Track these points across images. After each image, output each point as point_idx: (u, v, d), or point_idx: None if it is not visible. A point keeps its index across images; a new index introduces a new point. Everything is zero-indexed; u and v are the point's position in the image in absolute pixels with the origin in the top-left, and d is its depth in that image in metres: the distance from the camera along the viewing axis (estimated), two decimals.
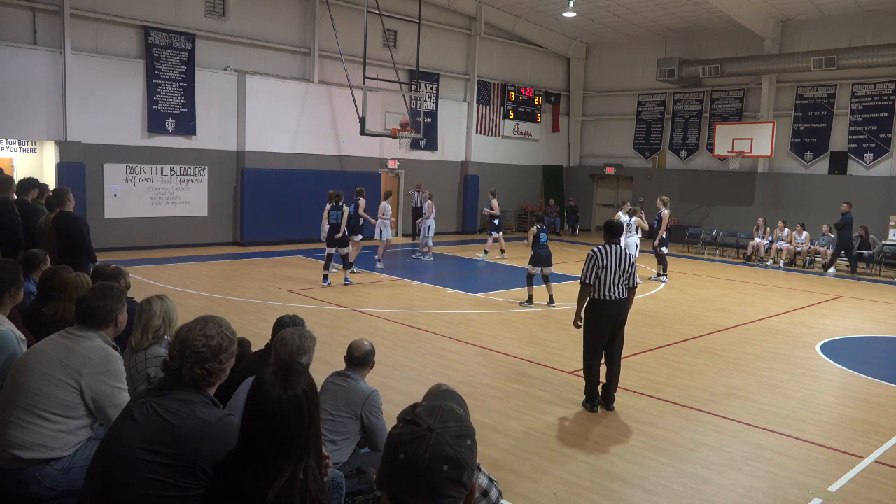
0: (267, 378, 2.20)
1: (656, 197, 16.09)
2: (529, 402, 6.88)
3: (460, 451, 1.41)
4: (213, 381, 2.60)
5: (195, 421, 2.44)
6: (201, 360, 2.55)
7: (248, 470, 2.13)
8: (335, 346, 7.70)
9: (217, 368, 2.60)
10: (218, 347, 2.59)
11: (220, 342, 2.61)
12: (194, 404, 2.50)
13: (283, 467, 2.10)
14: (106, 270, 5.23)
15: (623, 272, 6.62)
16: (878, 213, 18.91)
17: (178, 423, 2.43)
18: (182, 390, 2.53)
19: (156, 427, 2.43)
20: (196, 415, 2.47)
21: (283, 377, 2.19)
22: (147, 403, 2.51)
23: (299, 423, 2.14)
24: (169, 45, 16.53)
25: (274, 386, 2.16)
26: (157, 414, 2.46)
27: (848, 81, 19.99)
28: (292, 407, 2.14)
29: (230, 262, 15.56)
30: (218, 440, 2.42)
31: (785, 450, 5.90)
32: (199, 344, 2.56)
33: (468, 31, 22.97)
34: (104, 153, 15.84)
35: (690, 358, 8.86)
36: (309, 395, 2.20)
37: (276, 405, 2.12)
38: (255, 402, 2.18)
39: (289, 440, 2.12)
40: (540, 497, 4.85)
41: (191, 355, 2.54)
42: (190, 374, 2.54)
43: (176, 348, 2.59)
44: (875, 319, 11.94)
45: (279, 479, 2.07)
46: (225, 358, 2.63)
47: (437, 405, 1.50)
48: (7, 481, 3.22)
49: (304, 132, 18.79)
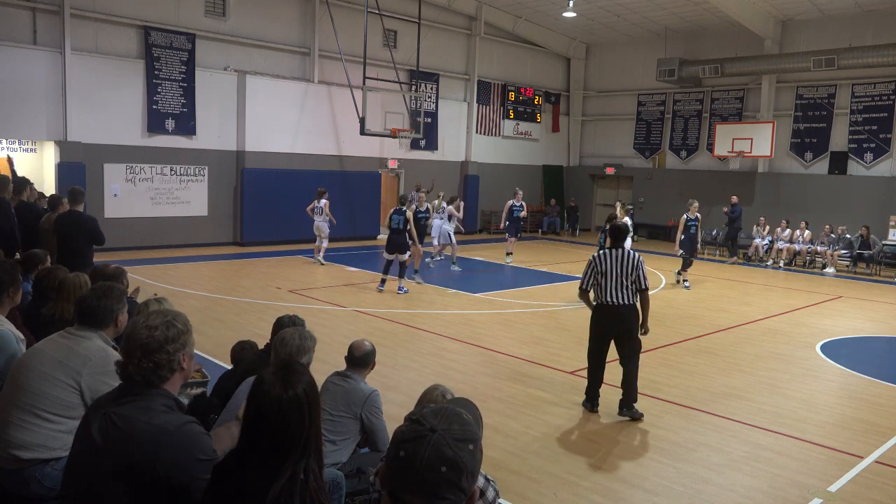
0: (267, 378, 2.19)
1: (656, 197, 16.08)
2: (529, 402, 6.88)
3: (460, 454, 1.41)
4: (163, 375, 2.44)
5: (150, 429, 2.33)
6: (147, 353, 2.40)
7: (248, 470, 2.13)
8: (335, 346, 7.70)
9: (165, 360, 2.42)
10: (164, 338, 2.43)
11: (166, 332, 2.44)
12: (152, 411, 2.38)
13: (284, 467, 2.09)
14: (106, 270, 5.23)
15: (626, 277, 6.42)
16: (878, 213, 18.91)
17: (134, 433, 2.33)
18: (138, 393, 2.42)
19: (114, 442, 2.34)
20: (153, 423, 2.34)
21: (283, 377, 2.18)
22: (106, 415, 2.40)
23: (300, 423, 2.13)
24: (169, 45, 16.53)
25: (274, 386, 2.15)
26: (115, 426, 2.36)
27: (848, 81, 19.99)
28: (293, 407, 2.13)
29: (230, 262, 15.56)
30: (179, 448, 2.32)
31: (785, 450, 5.90)
32: (143, 335, 2.42)
33: (468, 31, 22.97)
34: (104, 153, 15.84)
35: (690, 358, 8.85)
36: (309, 394, 2.19)
37: (276, 405, 2.12)
38: (255, 402, 2.17)
39: (289, 440, 2.11)
40: (540, 497, 4.85)
41: (136, 349, 2.41)
42: (138, 369, 2.41)
43: (123, 345, 2.49)
44: (875, 319, 11.94)
45: (279, 479, 2.06)
46: (174, 349, 2.45)
47: (444, 408, 1.52)
48: (7, 481, 3.22)
49: (304, 132, 18.79)
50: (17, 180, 8.55)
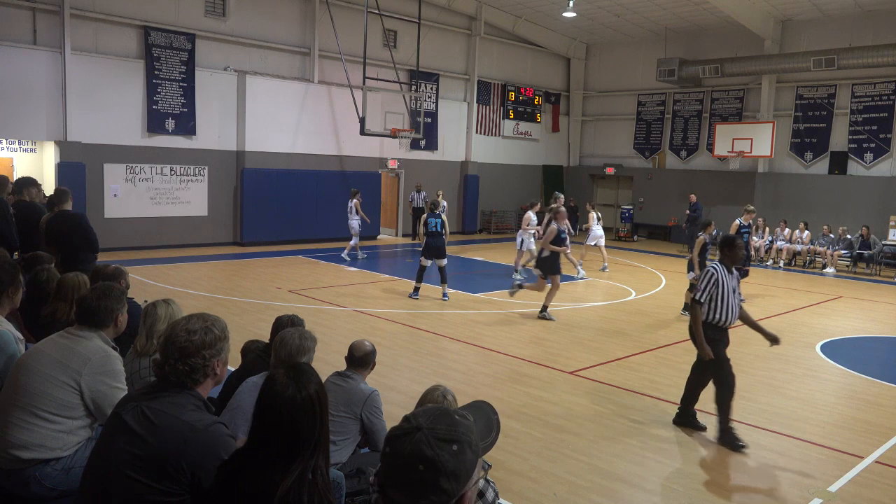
0: (279, 379, 2.18)
1: (656, 197, 16.05)
2: (529, 402, 6.87)
3: (441, 454, 1.38)
4: (197, 379, 2.52)
5: (181, 425, 2.39)
6: (184, 356, 2.47)
7: (257, 468, 2.12)
8: (335, 346, 7.71)
9: (200, 365, 2.50)
10: (201, 343, 2.50)
11: (204, 338, 2.51)
12: (183, 407, 2.44)
13: (293, 466, 2.09)
14: (106, 271, 5.23)
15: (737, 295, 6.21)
16: (878, 213, 18.91)
17: (165, 426, 2.39)
18: (171, 392, 2.48)
19: (144, 432, 2.40)
20: (183, 419, 2.41)
21: (295, 378, 2.18)
22: (138, 407, 2.47)
23: (312, 424, 2.13)
24: (169, 45, 16.53)
25: (287, 387, 2.14)
26: (146, 418, 2.42)
27: (848, 81, 19.99)
28: (306, 407, 2.13)
29: (230, 262, 15.56)
30: (205, 446, 2.38)
31: (785, 450, 5.90)
32: (182, 339, 2.49)
33: (468, 31, 22.96)
34: (104, 153, 15.84)
35: (690, 358, 8.78)
36: (321, 395, 2.20)
37: (289, 405, 2.12)
38: (267, 402, 2.16)
39: (302, 440, 2.12)
40: (540, 497, 4.85)
41: (173, 351, 2.48)
42: (173, 370, 2.48)
43: (161, 345, 2.56)
44: (875, 319, 11.94)
45: (288, 478, 2.07)
46: (210, 354, 2.53)
47: (437, 407, 1.52)
48: (7, 481, 3.23)
49: (303, 132, 18.79)
50: (20, 180, 8.49)
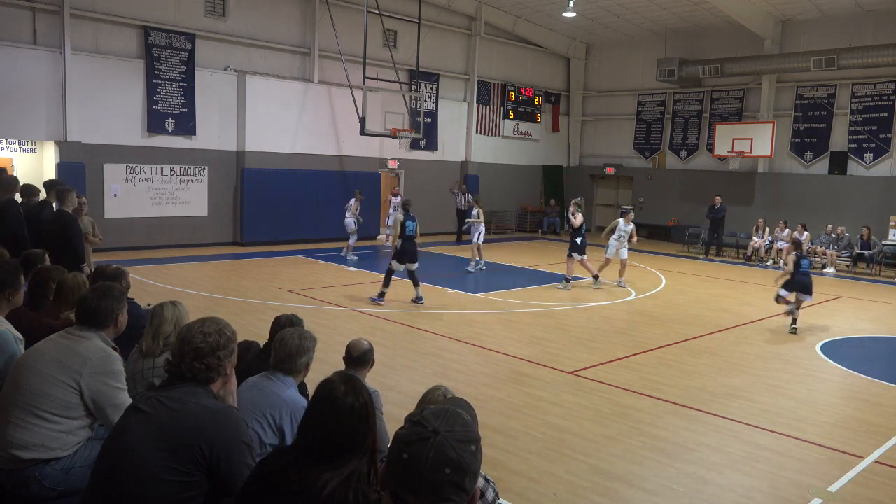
0: (336, 386, 2.28)
1: (656, 197, 16.01)
2: (529, 402, 6.87)
3: (464, 455, 1.42)
4: (211, 377, 2.70)
5: (198, 407, 2.56)
6: (200, 356, 2.66)
7: (306, 467, 2.19)
8: (335, 346, 7.70)
9: (215, 364, 2.70)
10: (216, 344, 2.70)
11: (218, 339, 2.72)
12: (198, 394, 2.62)
13: (343, 468, 2.18)
14: (106, 271, 5.22)
15: None
16: (878, 213, 18.91)
17: (181, 409, 2.55)
18: (187, 385, 2.65)
19: (161, 415, 2.55)
20: (200, 402, 2.59)
21: (352, 386, 2.29)
22: (153, 397, 2.63)
23: (365, 430, 2.25)
24: (169, 45, 16.53)
25: (347, 395, 2.25)
26: (163, 404, 2.58)
27: (848, 81, 19.99)
28: (363, 414, 2.25)
29: (230, 262, 15.56)
30: (223, 427, 2.55)
31: (785, 450, 5.90)
32: (198, 340, 2.67)
33: (468, 31, 22.96)
34: (104, 153, 15.84)
35: (690, 358, 8.85)
36: (371, 402, 2.32)
37: (349, 412, 2.23)
38: (328, 407, 2.24)
39: (356, 443, 2.22)
40: (540, 497, 4.85)
41: (189, 351, 2.65)
42: (189, 368, 2.65)
43: (177, 346, 2.72)
44: (875, 319, 11.94)
45: (337, 477, 2.16)
46: (223, 355, 2.73)
47: (445, 409, 1.52)
48: (7, 481, 3.22)
49: (304, 132, 18.79)
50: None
